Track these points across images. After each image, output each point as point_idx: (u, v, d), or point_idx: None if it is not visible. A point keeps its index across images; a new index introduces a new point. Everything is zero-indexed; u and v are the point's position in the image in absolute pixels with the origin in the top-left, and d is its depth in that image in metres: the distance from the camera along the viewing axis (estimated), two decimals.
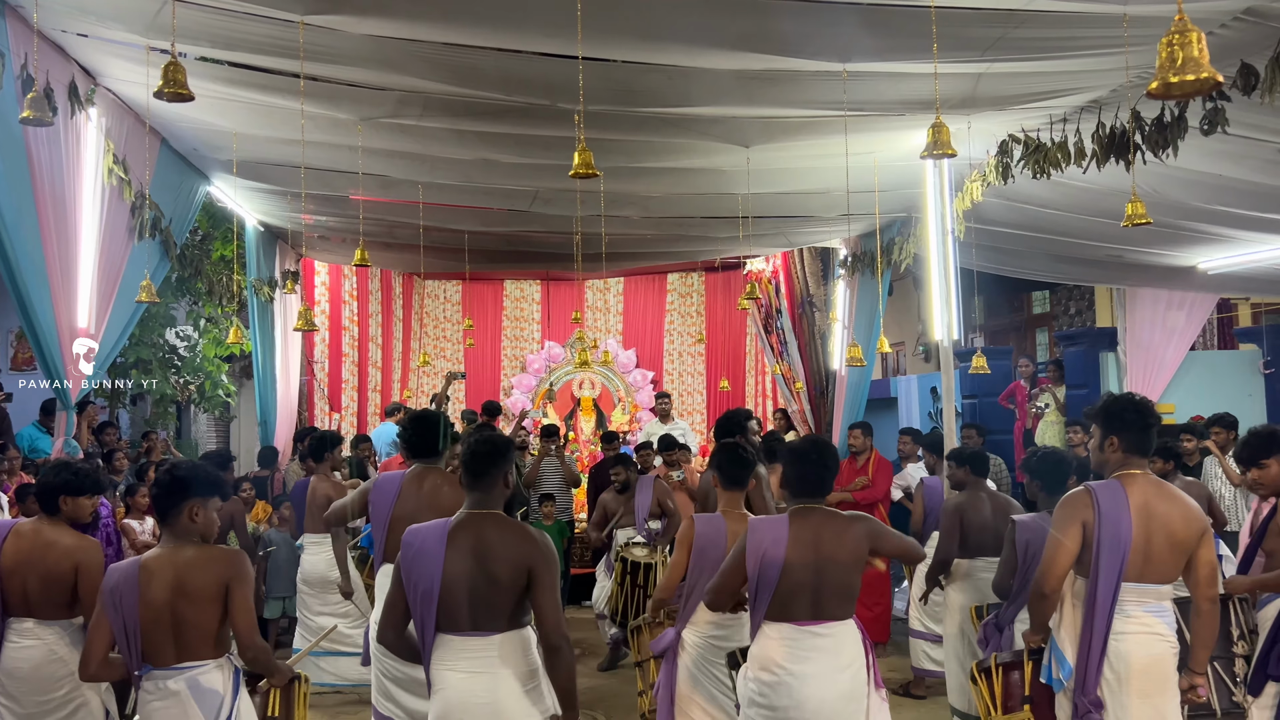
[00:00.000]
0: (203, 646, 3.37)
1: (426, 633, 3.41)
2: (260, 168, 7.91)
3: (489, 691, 3.35)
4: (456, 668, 3.38)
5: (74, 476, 4.16)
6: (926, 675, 6.84)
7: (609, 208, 8.62)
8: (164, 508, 3.46)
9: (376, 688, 4.63)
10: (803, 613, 3.65)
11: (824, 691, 3.58)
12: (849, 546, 3.67)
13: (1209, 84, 2.61)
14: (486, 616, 3.38)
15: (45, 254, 5.79)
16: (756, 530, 3.76)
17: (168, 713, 3.32)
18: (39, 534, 4.06)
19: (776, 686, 3.62)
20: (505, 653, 3.39)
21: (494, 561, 3.39)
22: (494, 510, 3.52)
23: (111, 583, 3.37)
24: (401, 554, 3.46)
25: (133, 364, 11.15)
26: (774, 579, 3.63)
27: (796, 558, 3.64)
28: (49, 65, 5.57)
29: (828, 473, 3.82)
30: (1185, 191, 6.40)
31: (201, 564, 3.39)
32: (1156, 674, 3.59)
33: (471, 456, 3.53)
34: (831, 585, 3.65)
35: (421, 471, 4.74)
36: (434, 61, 5.57)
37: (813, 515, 3.74)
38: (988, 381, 10.59)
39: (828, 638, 3.64)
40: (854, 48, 5.09)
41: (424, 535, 3.46)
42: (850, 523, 3.75)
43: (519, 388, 14.29)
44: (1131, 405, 3.76)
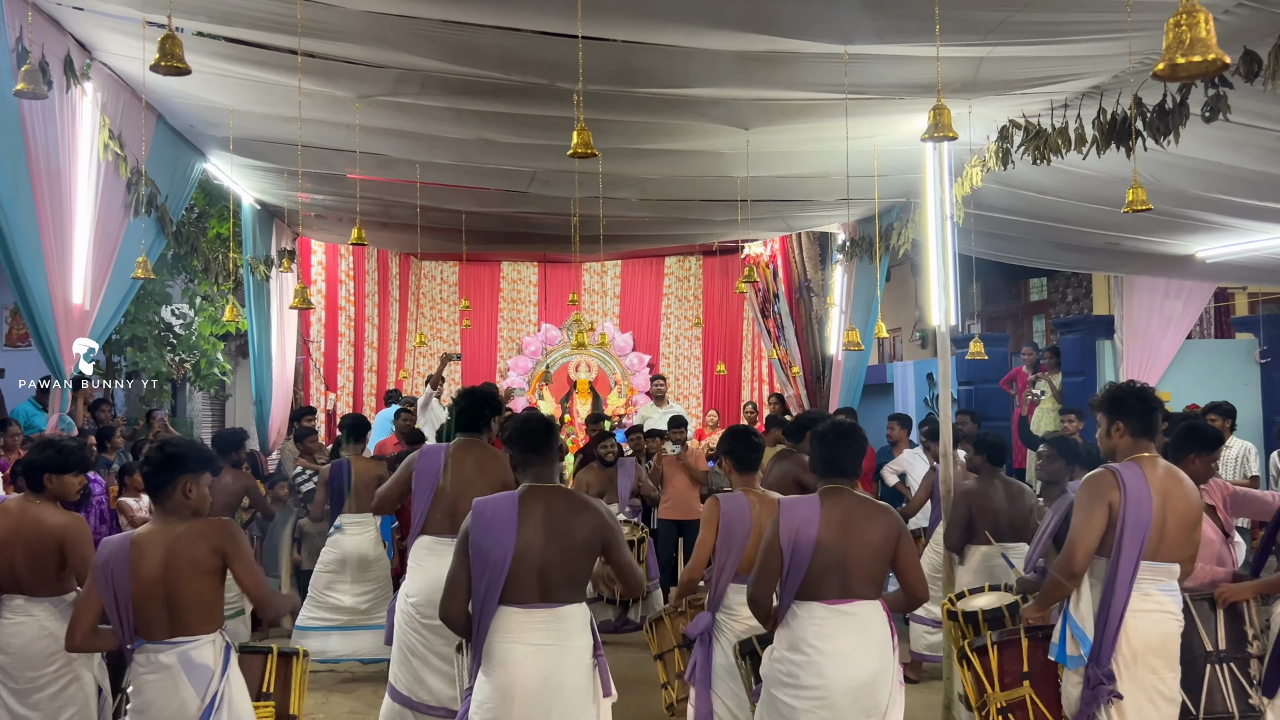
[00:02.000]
0: (195, 621, 3.38)
1: (488, 605, 3.41)
2: (257, 145, 7.87)
3: (554, 664, 3.39)
4: (523, 640, 3.39)
5: (58, 454, 4.15)
6: (923, 660, 6.87)
7: (607, 189, 8.59)
8: (156, 484, 3.46)
9: (399, 663, 4.60)
10: (832, 592, 3.65)
11: (853, 670, 3.59)
12: (879, 531, 3.69)
13: (1216, 65, 2.59)
14: (557, 588, 3.43)
15: (40, 229, 5.76)
16: (789, 509, 3.76)
17: (159, 685, 3.34)
18: (24, 511, 4.06)
19: (806, 665, 3.62)
20: (571, 626, 3.44)
21: (568, 533, 3.44)
22: (555, 483, 3.59)
23: (103, 557, 3.38)
24: (471, 525, 3.47)
25: (128, 341, 11.13)
26: (807, 558, 3.64)
27: (828, 537, 3.65)
28: (44, 39, 5.52)
29: (854, 454, 3.83)
30: (1185, 179, 6.39)
31: (193, 537, 3.39)
32: (1166, 650, 3.71)
33: (526, 432, 3.59)
34: (859, 565, 3.66)
35: (467, 444, 4.75)
36: (432, 39, 5.54)
37: (842, 496, 3.76)
38: (984, 368, 10.59)
39: (856, 616, 3.65)
40: (855, 30, 5.06)
41: (495, 505, 3.49)
42: (880, 511, 3.78)
43: (515, 370, 14.29)
44: (1133, 391, 3.89)
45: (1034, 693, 3.92)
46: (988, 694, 4.05)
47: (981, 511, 5.63)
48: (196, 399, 13.97)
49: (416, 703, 4.50)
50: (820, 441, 3.88)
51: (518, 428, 3.62)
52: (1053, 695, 3.85)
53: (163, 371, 11.53)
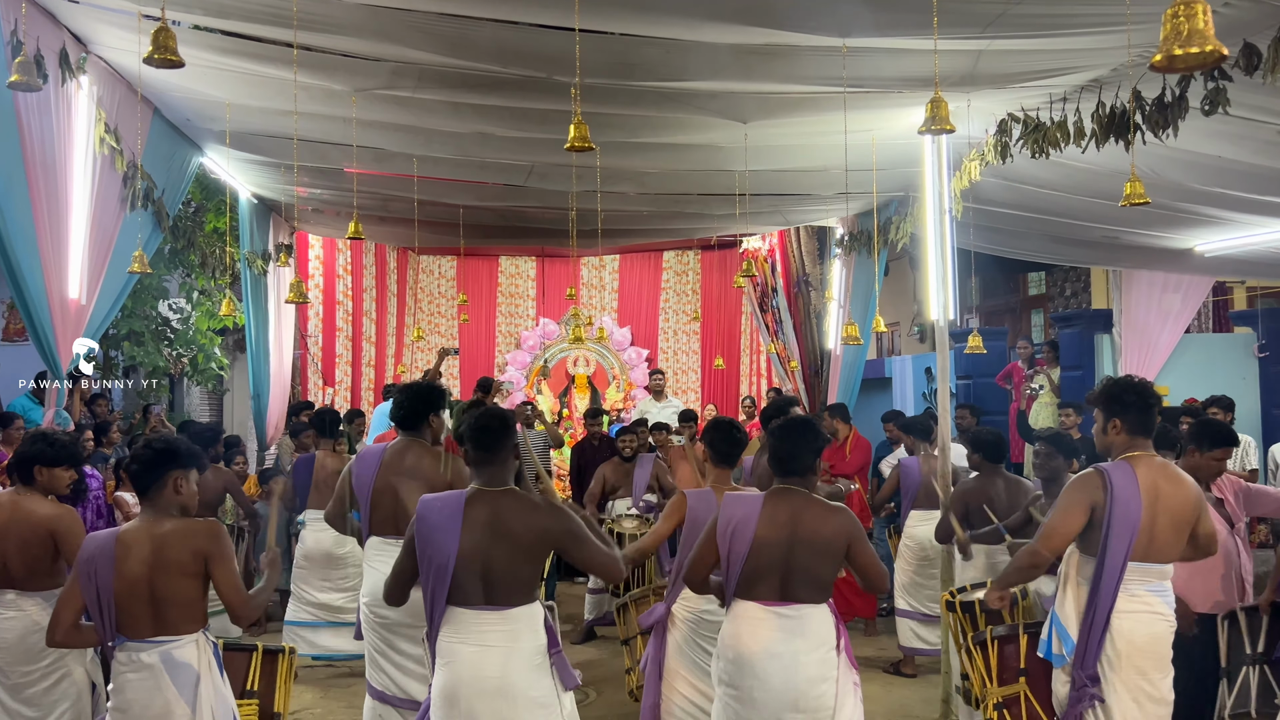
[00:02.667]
0: (179, 620, 3.36)
1: (436, 606, 3.41)
2: (253, 139, 7.85)
3: (499, 665, 3.36)
4: (468, 641, 3.38)
5: (49, 447, 4.15)
6: (916, 654, 6.87)
7: (605, 183, 8.57)
8: (147, 481, 3.43)
9: (369, 661, 4.62)
10: (770, 593, 3.63)
11: (787, 673, 3.56)
12: (825, 534, 3.63)
13: (1214, 57, 2.58)
14: (501, 591, 3.40)
15: (36, 224, 5.73)
16: (728, 506, 3.75)
17: (141, 685, 3.31)
18: (16, 505, 4.05)
19: (739, 664, 3.62)
20: (517, 627, 3.41)
21: (512, 537, 3.40)
22: (507, 485, 3.52)
23: (87, 553, 3.36)
24: (416, 526, 3.46)
25: (125, 336, 11.11)
26: (742, 555, 3.62)
27: (767, 536, 3.62)
28: (39, 31, 5.50)
29: (806, 454, 3.75)
30: (1184, 173, 6.37)
31: (179, 536, 3.37)
32: (1155, 652, 3.68)
33: (480, 431, 3.52)
34: (802, 568, 3.61)
35: (404, 444, 4.69)
36: (429, 32, 5.51)
37: (791, 497, 3.70)
38: (983, 362, 10.58)
39: (794, 619, 3.61)
40: (854, 23, 5.04)
41: (439, 508, 3.46)
42: (831, 512, 3.70)
43: (513, 364, 14.27)
44: (1131, 387, 3.83)
45: (1029, 689, 3.93)
46: (987, 688, 4.06)
47: (979, 508, 5.62)
48: (194, 394, 13.95)
49: (391, 697, 4.50)
50: (772, 439, 3.84)
51: (470, 426, 3.55)
52: (1048, 692, 3.86)
53: (160, 366, 11.51)
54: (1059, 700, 3.77)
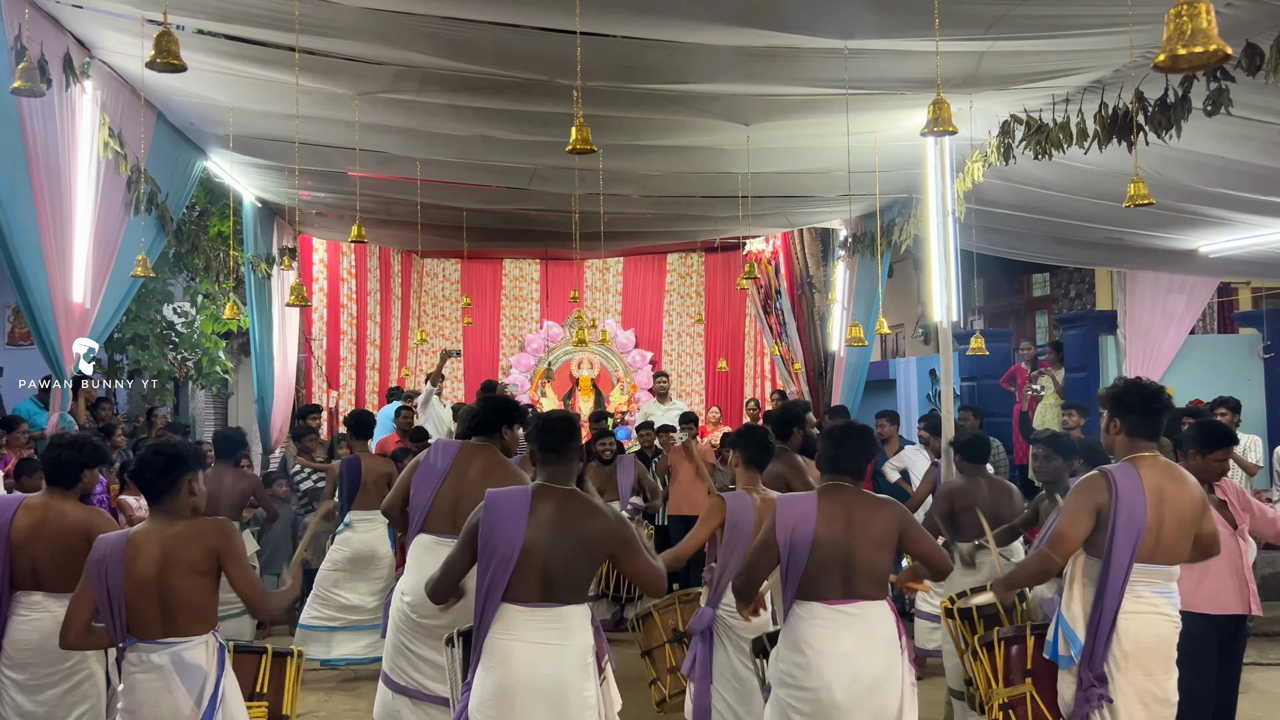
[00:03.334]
0: (189, 621, 3.36)
1: (490, 601, 3.39)
2: (257, 143, 7.86)
3: (554, 663, 3.36)
4: (524, 638, 3.37)
5: (95, 450, 4.21)
6: (926, 655, 6.85)
7: (608, 186, 8.58)
8: (162, 486, 3.42)
9: (394, 653, 4.59)
10: (833, 591, 3.61)
11: (855, 672, 3.54)
12: (878, 526, 3.64)
13: (1217, 56, 2.57)
14: (560, 588, 3.40)
15: (40, 228, 5.75)
16: (785, 506, 3.73)
17: (151, 686, 3.32)
18: (49, 508, 4.07)
19: (807, 667, 3.59)
20: (570, 626, 3.41)
21: (576, 535, 3.41)
22: (570, 485, 3.55)
23: (98, 554, 3.37)
24: (483, 515, 3.46)
25: (129, 340, 11.13)
26: (804, 556, 3.61)
27: (826, 534, 3.61)
28: (43, 37, 5.52)
29: (857, 453, 3.80)
30: (1187, 174, 6.37)
31: (189, 537, 3.38)
32: (1160, 652, 3.68)
33: (549, 431, 3.54)
34: (861, 564, 3.62)
35: (478, 446, 4.68)
36: (431, 35, 5.52)
37: (842, 493, 3.72)
38: (987, 364, 10.58)
39: (858, 617, 3.60)
40: (855, 24, 5.04)
41: (507, 500, 3.46)
42: (881, 504, 3.74)
43: (517, 367, 14.28)
44: (1136, 391, 3.82)
45: (1035, 690, 3.92)
46: (992, 689, 4.06)
47: (964, 510, 5.60)
48: (198, 397, 13.96)
49: (411, 690, 4.50)
50: (828, 440, 3.88)
51: (539, 425, 3.59)
52: (1053, 693, 3.85)
53: (164, 370, 11.53)
54: (1065, 701, 3.76)
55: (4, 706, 4.01)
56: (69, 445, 4.15)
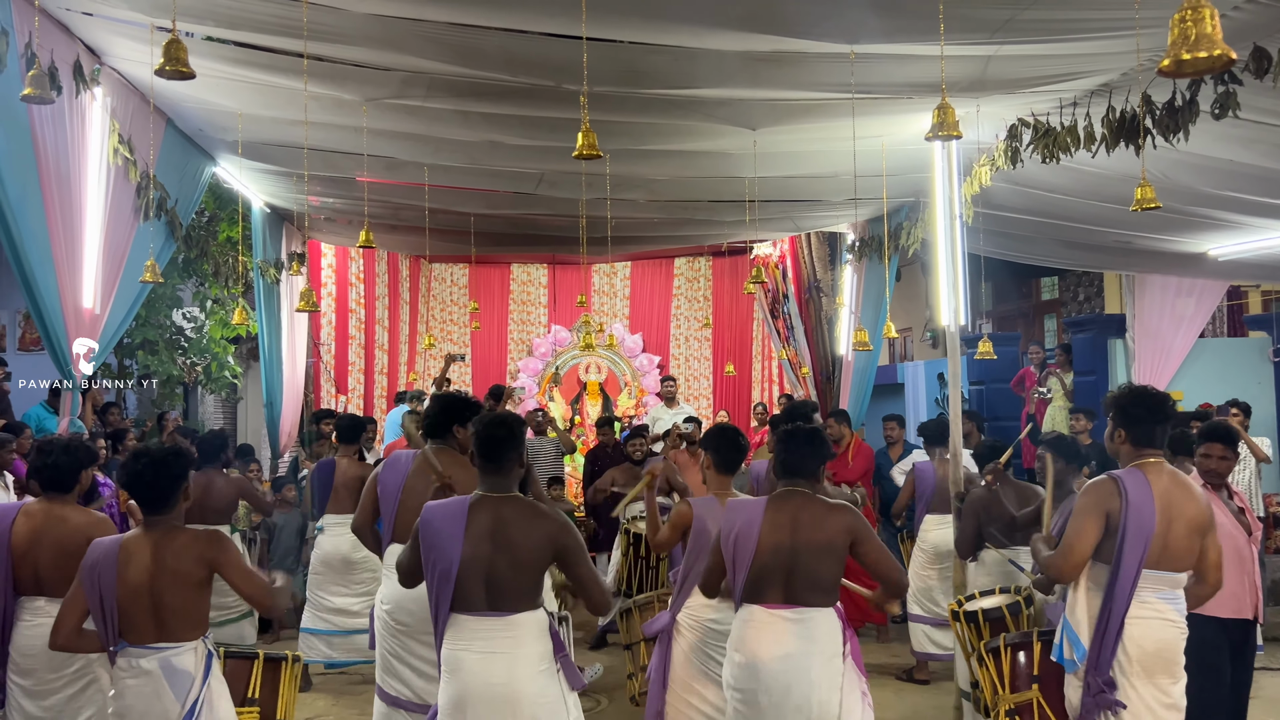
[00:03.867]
0: (180, 628, 3.38)
1: (440, 611, 3.42)
2: (265, 149, 7.89)
3: (506, 672, 3.37)
4: (472, 648, 3.38)
5: (88, 451, 4.24)
6: (930, 659, 6.84)
7: (615, 191, 8.59)
8: (164, 493, 3.43)
9: (383, 667, 4.62)
10: (774, 596, 3.63)
11: (791, 677, 3.55)
12: (826, 533, 3.62)
13: (1221, 61, 2.56)
14: (504, 597, 3.40)
15: (50, 234, 5.78)
16: (731, 512, 3.77)
17: (140, 691, 3.34)
18: (49, 513, 4.09)
19: (747, 668, 3.62)
20: (521, 634, 3.41)
21: (514, 543, 3.41)
22: (511, 492, 3.54)
23: (92, 559, 3.39)
24: (420, 530, 3.48)
25: (139, 345, 11.18)
26: (747, 560, 3.63)
27: (769, 540, 3.62)
28: (53, 44, 5.55)
29: (809, 457, 3.77)
30: (1195, 177, 6.35)
31: (181, 547, 3.39)
32: (1166, 658, 3.66)
33: (486, 439, 3.53)
34: (804, 570, 3.61)
35: (436, 451, 4.69)
36: (438, 41, 5.54)
37: (792, 498, 3.72)
38: (995, 368, 10.56)
39: (799, 623, 3.60)
40: (861, 29, 5.05)
41: (443, 513, 3.47)
42: (831, 511, 3.69)
43: (525, 371, 14.29)
44: (1140, 400, 3.80)
45: (1042, 696, 3.92)
46: (999, 694, 4.05)
47: (991, 519, 5.60)
48: (208, 402, 14.01)
49: (404, 702, 4.51)
50: (780, 443, 3.85)
51: (477, 433, 3.57)
52: (1060, 699, 3.84)
53: (174, 375, 11.57)
54: (1072, 706, 3.75)
55: (11, 712, 4.02)
56: (62, 451, 4.15)
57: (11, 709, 4.03)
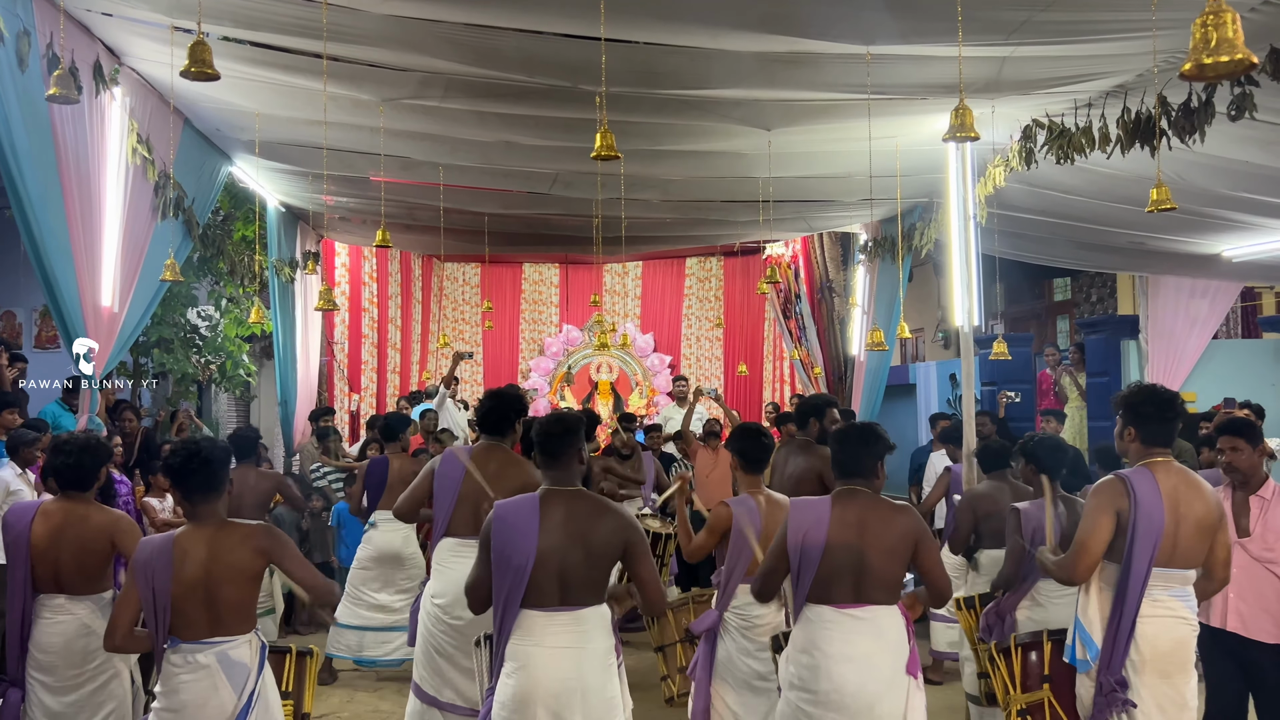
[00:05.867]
0: (235, 621, 3.39)
1: (509, 609, 3.41)
2: (282, 148, 7.94)
3: (575, 666, 3.38)
4: (544, 643, 3.39)
5: (105, 448, 4.27)
6: (944, 658, 6.84)
7: (629, 191, 8.61)
8: (209, 486, 3.43)
9: (425, 664, 4.62)
10: (844, 595, 3.62)
11: (863, 676, 3.55)
12: (894, 533, 3.63)
13: (1244, 65, 2.57)
14: (577, 591, 3.42)
15: (70, 232, 5.83)
16: (798, 511, 3.73)
17: (197, 685, 3.34)
18: (68, 512, 4.12)
19: (815, 670, 3.60)
20: (590, 628, 3.43)
21: (588, 536, 3.43)
22: (575, 485, 3.56)
23: (144, 557, 3.39)
24: (493, 527, 3.47)
25: (155, 343, 11.24)
26: (815, 560, 3.61)
27: (838, 539, 3.61)
28: (74, 44, 5.60)
29: (871, 455, 3.76)
30: (1210, 178, 6.35)
31: (237, 540, 3.41)
32: (1178, 656, 3.67)
33: (546, 435, 3.56)
34: (873, 569, 3.61)
35: (489, 447, 4.71)
36: (456, 42, 5.57)
37: (857, 498, 3.71)
38: (1008, 368, 10.53)
39: (868, 621, 3.60)
40: (878, 30, 5.06)
41: (516, 510, 3.48)
42: (898, 511, 3.71)
43: (537, 370, 14.32)
44: (1149, 398, 3.80)
45: (1053, 696, 3.92)
46: (1010, 695, 4.05)
47: (986, 516, 5.59)
48: (222, 400, 14.07)
49: (443, 703, 4.52)
50: (838, 441, 3.84)
51: (537, 431, 3.60)
52: (1071, 699, 3.85)
53: (189, 373, 11.62)
54: (1084, 706, 3.76)
55: (32, 708, 4.05)
56: (82, 450, 4.17)
57: (32, 704, 4.06)
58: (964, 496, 5.72)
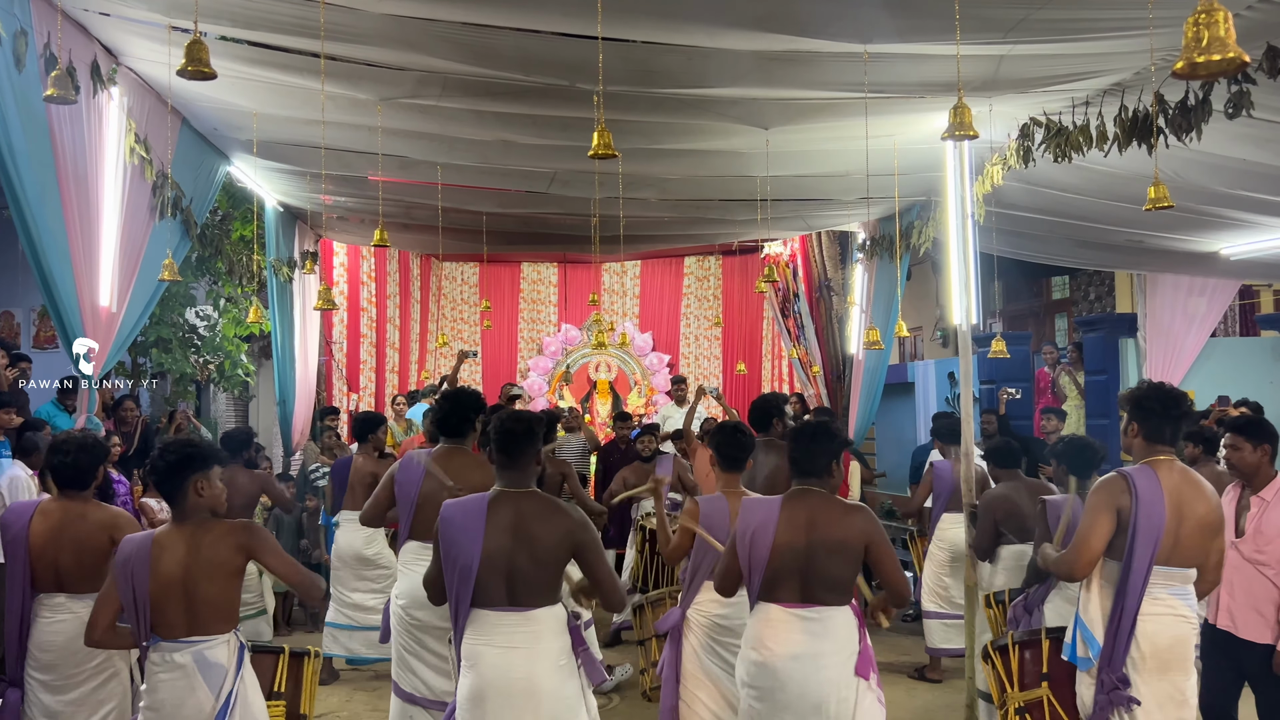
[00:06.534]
0: (213, 621, 3.40)
1: (461, 608, 3.44)
2: (280, 148, 7.93)
3: (525, 666, 3.39)
4: (493, 643, 3.41)
5: (104, 447, 4.29)
6: (943, 654, 6.84)
7: (627, 190, 8.61)
8: (169, 489, 3.46)
9: (398, 663, 4.65)
10: (790, 595, 3.64)
11: (807, 675, 3.56)
12: (843, 534, 3.63)
13: (1235, 64, 2.57)
14: (525, 592, 3.43)
15: (68, 232, 5.82)
16: (747, 510, 3.78)
17: (174, 685, 3.35)
18: (68, 510, 4.13)
19: (762, 666, 3.63)
20: (541, 629, 3.44)
21: (534, 538, 3.44)
22: (529, 488, 3.57)
23: (124, 555, 3.41)
24: (441, 529, 3.49)
25: (153, 343, 11.24)
26: (764, 559, 3.64)
27: (786, 539, 3.63)
28: (71, 44, 5.59)
29: (825, 453, 3.76)
30: (1208, 176, 6.35)
31: (216, 537, 3.42)
32: (1178, 653, 3.68)
33: (504, 435, 3.56)
34: (820, 570, 3.62)
35: (449, 451, 4.72)
36: (453, 41, 5.57)
37: (809, 498, 3.72)
38: (1006, 367, 10.54)
39: (815, 621, 3.61)
40: (875, 29, 5.06)
41: (463, 510, 3.50)
42: (849, 511, 3.71)
43: (535, 370, 14.32)
44: (1154, 395, 3.82)
45: (1052, 694, 3.92)
46: (1007, 693, 4.06)
47: (1007, 516, 5.61)
48: (220, 399, 14.08)
49: (419, 698, 4.54)
50: (793, 440, 3.85)
51: (494, 430, 3.60)
52: (1070, 697, 3.85)
53: (187, 373, 11.63)
54: (1084, 704, 3.76)
55: (31, 707, 4.06)
56: (79, 449, 4.18)
57: (31, 704, 4.06)
58: (982, 501, 5.71)
